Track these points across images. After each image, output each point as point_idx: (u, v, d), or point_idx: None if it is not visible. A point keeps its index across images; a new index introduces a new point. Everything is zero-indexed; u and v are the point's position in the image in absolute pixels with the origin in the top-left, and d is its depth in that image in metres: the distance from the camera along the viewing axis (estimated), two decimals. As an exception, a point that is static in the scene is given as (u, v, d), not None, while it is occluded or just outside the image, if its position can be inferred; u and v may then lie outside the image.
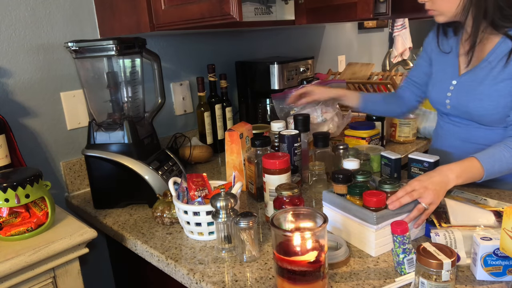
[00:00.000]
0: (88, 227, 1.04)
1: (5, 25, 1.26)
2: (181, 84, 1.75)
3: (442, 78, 1.27)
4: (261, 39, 2.06)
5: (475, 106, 1.16)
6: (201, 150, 1.63)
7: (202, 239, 1.04)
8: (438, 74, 1.29)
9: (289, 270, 0.75)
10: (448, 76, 1.25)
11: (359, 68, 2.18)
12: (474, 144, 1.21)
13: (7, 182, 0.97)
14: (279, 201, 0.99)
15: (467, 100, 1.18)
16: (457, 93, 1.21)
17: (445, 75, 1.26)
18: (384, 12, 1.48)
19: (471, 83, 1.18)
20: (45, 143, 1.39)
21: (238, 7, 1.03)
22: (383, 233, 0.91)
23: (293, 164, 1.29)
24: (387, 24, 2.92)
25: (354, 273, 0.86)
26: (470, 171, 1.00)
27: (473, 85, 1.17)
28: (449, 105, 1.24)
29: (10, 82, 1.29)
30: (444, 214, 0.98)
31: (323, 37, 2.44)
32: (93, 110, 1.32)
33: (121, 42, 1.21)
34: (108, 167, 1.24)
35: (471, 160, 1.01)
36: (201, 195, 1.07)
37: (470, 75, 1.19)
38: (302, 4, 1.69)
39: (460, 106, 1.21)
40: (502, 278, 0.80)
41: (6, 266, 0.89)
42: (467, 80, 1.19)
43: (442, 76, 1.27)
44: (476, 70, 1.17)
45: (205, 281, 0.87)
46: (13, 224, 1.01)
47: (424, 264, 0.72)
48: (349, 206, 0.95)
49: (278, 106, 1.73)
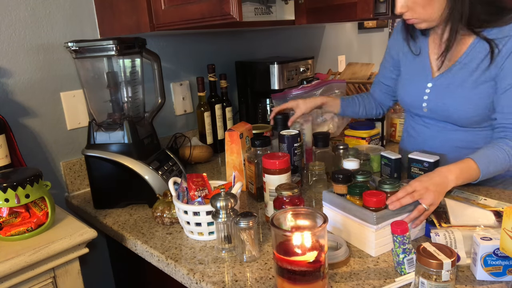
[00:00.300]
0: (88, 227, 1.04)
1: (5, 25, 1.26)
2: (181, 84, 1.75)
3: (415, 81, 1.25)
4: (261, 39, 2.06)
5: (455, 109, 1.15)
6: (201, 150, 1.63)
7: (202, 239, 1.04)
8: (409, 76, 1.28)
9: (289, 270, 0.75)
10: (421, 79, 1.23)
11: (359, 68, 2.18)
12: (452, 147, 1.21)
13: (7, 182, 0.97)
14: (279, 201, 0.99)
15: (447, 104, 1.16)
16: (435, 96, 1.19)
17: (417, 78, 1.24)
18: (384, 12, 1.48)
19: (448, 85, 1.16)
20: (45, 143, 1.39)
21: (238, 7, 1.03)
22: (383, 233, 0.91)
23: (293, 164, 1.29)
24: (387, 24, 2.91)
25: (354, 273, 0.86)
26: (468, 172, 1.00)
27: (452, 87, 1.15)
28: (426, 108, 1.22)
29: (10, 82, 1.29)
30: (444, 214, 0.98)
31: (323, 37, 2.44)
32: (93, 110, 1.32)
33: (121, 42, 1.21)
34: (108, 167, 1.24)
35: (468, 161, 1.01)
36: (201, 195, 1.07)
37: (446, 77, 1.17)
38: (302, 4, 1.69)
39: (438, 110, 1.19)
40: (502, 278, 0.80)
41: (6, 266, 0.89)
42: (444, 83, 1.17)
43: (414, 79, 1.26)
44: (451, 72, 1.16)
45: (205, 281, 0.87)
46: (13, 224, 1.01)
47: (424, 264, 0.72)
48: (349, 206, 0.95)
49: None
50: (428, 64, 1.23)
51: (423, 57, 1.24)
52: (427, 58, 1.23)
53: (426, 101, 1.22)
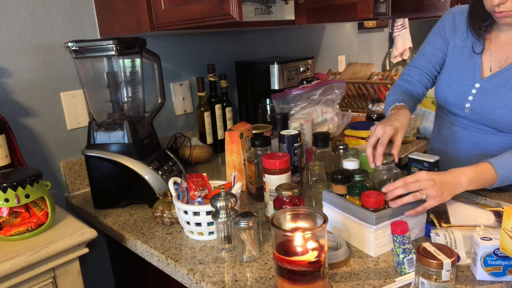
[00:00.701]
0: (88, 227, 1.04)
1: (5, 25, 1.26)
2: (181, 84, 1.75)
3: (462, 79, 1.17)
4: (261, 39, 2.06)
5: (503, 113, 1.09)
6: (201, 150, 1.63)
7: (202, 239, 1.04)
8: (455, 73, 1.20)
9: (289, 270, 0.75)
10: (469, 78, 1.16)
11: (359, 68, 2.19)
12: (484, 150, 1.16)
13: (7, 182, 0.97)
14: (279, 201, 0.99)
15: (493, 107, 1.10)
16: (481, 98, 1.13)
17: (465, 76, 1.17)
18: (384, 12, 1.48)
19: (499, 88, 1.10)
20: (45, 143, 1.39)
21: (238, 7, 1.03)
22: (382, 233, 0.91)
23: (293, 164, 1.29)
24: (387, 24, 2.92)
25: (354, 273, 0.86)
26: (483, 178, 0.96)
27: (503, 90, 1.09)
28: (468, 109, 1.16)
29: (10, 82, 1.29)
30: (444, 214, 0.98)
31: (323, 37, 2.44)
32: (93, 110, 1.32)
33: (121, 42, 1.21)
34: (108, 167, 1.24)
35: (485, 165, 0.97)
36: (201, 195, 1.07)
37: (497, 79, 1.11)
38: (302, 4, 1.70)
39: (483, 113, 1.13)
40: (502, 278, 0.80)
41: (6, 266, 0.89)
42: (494, 85, 1.11)
43: (460, 77, 1.18)
44: (504, 74, 1.10)
45: (205, 281, 0.87)
46: (13, 224, 1.01)
47: (424, 264, 0.72)
48: (349, 206, 0.95)
49: (278, 106, 1.73)
50: (479, 64, 1.16)
51: (476, 55, 1.17)
52: (479, 56, 1.16)
53: (471, 102, 1.15)
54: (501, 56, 1.13)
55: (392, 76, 1.99)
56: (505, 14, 1.03)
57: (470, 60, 1.18)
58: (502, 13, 1.03)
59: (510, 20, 1.05)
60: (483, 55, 1.16)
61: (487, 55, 1.15)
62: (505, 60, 1.12)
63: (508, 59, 1.11)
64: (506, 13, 1.03)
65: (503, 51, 1.13)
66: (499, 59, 1.13)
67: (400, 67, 2.67)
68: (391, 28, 2.91)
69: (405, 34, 2.90)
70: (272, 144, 1.28)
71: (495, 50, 1.14)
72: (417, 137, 1.82)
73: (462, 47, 1.20)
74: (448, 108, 1.23)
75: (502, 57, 1.12)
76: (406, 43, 2.91)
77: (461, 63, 1.19)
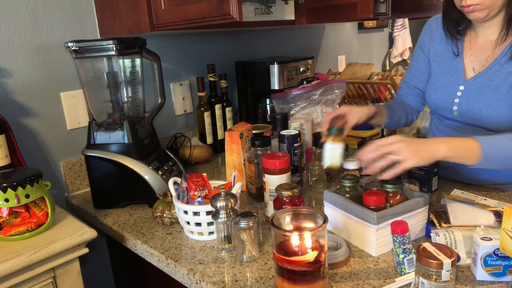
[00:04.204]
0: (88, 227, 1.04)
1: (5, 25, 1.26)
2: (181, 84, 1.75)
3: (446, 83, 1.20)
4: (261, 39, 2.06)
5: (489, 113, 1.10)
6: (201, 150, 1.63)
7: (202, 239, 1.04)
8: (440, 78, 1.23)
9: (289, 270, 0.75)
10: (453, 80, 1.18)
11: (359, 68, 2.18)
12: None
13: (7, 182, 0.97)
14: (279, 201, 0.99)
15: (479, 108, 1.12)
16: (467, 99, 1.14)
17: (449, 79, 1.20)
18: (384, 12, 1.48)
19: (482, 88, 1.12)
20: (45, 143, 1.39)
21: (238, 7, 1.03)
22: (383, 233, 0.91)
23: (293, 164, 1.29)
24: (387, 24, 2.91)
25: (354, 273, 0.86)
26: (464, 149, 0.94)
27: (486, 91, 1.11)
28: (456, 112, 1.18)
29: (10, 82, 1.29)
30: (444, 214, 0.98)
31: (323, 37, 2.44)
32: (93, 110, 1.32)
33: (121, 42, 1.21)
34: (108, 167, 1.24)
35: (468, 138, 0.95)
36: (201, 195, 1.07)
37: (480, 80, 1.13)
38: (302, 4, 1.69)
39: (470, 114, 1.14)
40: (502, 278, 0.80)
41: (6, 266, 0.89)
42: (478, 86, 1.13)
43: (445, 81, 1.21)
44: (486, 74, 1.12)
45: (205, 281, 0.87)
46: (13, 224, 1.01)
47: (424, 264, 0.72)
48: (350, 206, 0.95)
49: (278, 106, 1.73)
50: (461, 66, 1.18)
51: (457, 58, 1.19)
52: (461, 59, 1.18)
53: (457, 104, 1.17)
54: (481, 56, 1.15)
55: (392, 76, 1.99)
56: (473, 8, 1.05)
57: (453, 64, 1.20)
58: (469, 7, 1.06)
59: (479, 15, 1.07)
60: (464, 57, 1.18)
61: (468, 56, 1.18)
62: (486, 60, 1.13)
63: (488, 58, 1.13)
64: (474, 7, 1.05)
65: (483, 51, 1.15)
66: (480, 60, 1.15)
67: (400, 67, 2.67)
68: (391, 28, 2.91)
69: (405, 34, 2.90)
70: (272, 144, 1.28)
71: (475, 51, 1.16)
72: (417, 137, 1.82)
73: (443, 52, 1.23)
74: (438, 112, 1.26)
75: (483, 57, 1.14)
76: (406, 43, 2.91)
77: (445, 67, 1.22)
